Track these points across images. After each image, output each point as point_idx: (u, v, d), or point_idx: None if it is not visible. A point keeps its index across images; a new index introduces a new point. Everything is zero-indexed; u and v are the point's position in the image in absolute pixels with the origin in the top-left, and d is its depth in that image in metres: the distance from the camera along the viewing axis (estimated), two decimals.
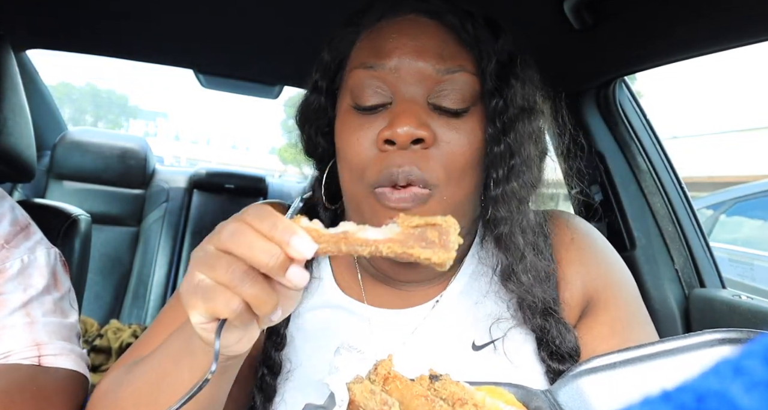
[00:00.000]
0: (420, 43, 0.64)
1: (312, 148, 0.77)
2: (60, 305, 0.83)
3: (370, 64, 0.65)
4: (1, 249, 0.80)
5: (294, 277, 0.43)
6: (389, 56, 0.64)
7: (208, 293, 0.43)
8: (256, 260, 0.42)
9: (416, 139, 0.60)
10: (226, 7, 1.33)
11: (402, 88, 0.64)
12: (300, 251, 0.43)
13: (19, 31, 1.62)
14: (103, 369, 2.05)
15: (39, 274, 0.82)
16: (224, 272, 0.43)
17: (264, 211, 0.44)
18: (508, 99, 0.65)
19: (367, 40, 0.68)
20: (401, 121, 0.60)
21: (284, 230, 0.43)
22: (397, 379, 0.49)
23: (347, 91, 0.67)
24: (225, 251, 0.43)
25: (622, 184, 1.35)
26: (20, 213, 0.87)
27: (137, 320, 2.44)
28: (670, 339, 0.53)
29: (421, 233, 0.43)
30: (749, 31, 0.91)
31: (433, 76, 0.63)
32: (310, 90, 0.75)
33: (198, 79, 1.97)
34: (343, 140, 0.67)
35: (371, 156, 0.63)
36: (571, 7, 1.05)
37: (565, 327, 0.68)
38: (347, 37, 0.71)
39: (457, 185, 0.64)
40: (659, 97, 16.32)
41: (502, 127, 0.65)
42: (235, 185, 2.81)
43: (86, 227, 1.30)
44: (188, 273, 0.45)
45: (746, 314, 1.10)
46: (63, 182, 2.52)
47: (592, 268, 0.74)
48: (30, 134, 1.24)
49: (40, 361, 0.75)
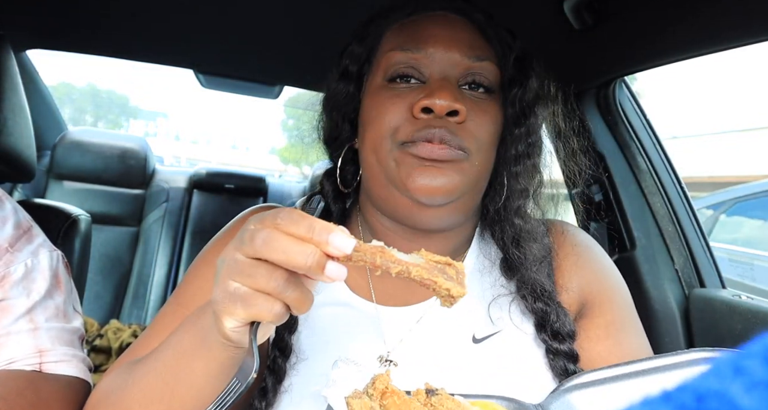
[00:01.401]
0: (453, 34, 0.72)
1: (335, 133, 0.81)
2: (63, 309, 0.83)
3: (407, 48, 0.71)
4: (5, 253, 0.79)
5: (333, 273, 0.45)
6: (426, 43, 0.71)
7: (249, 301, 0.45)
8: (294, 263, 0.44)
9: (452, 111, 0.66)
10: (226, 7, 1.33)
11: (437, 70, 0.70)
12: (339, 247, 0.44)
13: (19, 31, 1.63)
14: (103, 369, 2.05)
15: (42, 278, 0.81)
16: (266, 281, 0.45)
17: (296, 214, 0.45)
18: (527, 87, 0.74)
19: (400, 29, 0.74)
20: (441, 93, 0.66)
21: (322, 229, 0.44)
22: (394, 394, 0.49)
23: (379, 72, 0.73)
24: (260, 259, 0.45)
25: (622, 184, 1.35)
26: (23, 216, 0.87)
27: (137, 320, 2.44)
28: (658, 357, 0.56)
29: (442, 268, 0.47)
30: (749, 31, 0.91)
31: (464, 62, 0.70)
32: (338, 78, 0.79)
33: (198, 79, 1.97)
34: (375, 108, 0.72)
35: (405, 119, 0.69)
36: (571, 7, 1.05)
37: (563, 311, 0.73)
38: (376, 30, 0.77)
39: (485, 155, 0.71)
40: (659, 97, 16.32)
41: (521, 110, 0.73)
42: (235, 185, 2.82)
43: (86, 227, 1.30)
44: (221, 282, 0.46)
45: (746, 314, 1.10)
46: (63, 182, 2.52)
47: (588, 273, 0.78)
48: (30, 134, 1.24)
49: (41, 368, 0.75)
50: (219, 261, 0.48)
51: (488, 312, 0.74)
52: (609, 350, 0.74)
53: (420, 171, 0.66)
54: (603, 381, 0.56)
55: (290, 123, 27.74)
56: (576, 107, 0.85)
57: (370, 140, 0.72)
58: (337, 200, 0.80)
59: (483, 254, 0.80)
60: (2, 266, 0.78)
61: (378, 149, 0.71)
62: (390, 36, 0.75)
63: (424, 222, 0.72)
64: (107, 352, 2.12)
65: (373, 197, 0.76)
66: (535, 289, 0.72)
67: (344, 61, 0.78)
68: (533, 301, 0.72)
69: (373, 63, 0.76)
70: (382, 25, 0.77)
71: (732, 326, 1.12)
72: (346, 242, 0.44)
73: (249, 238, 0.45)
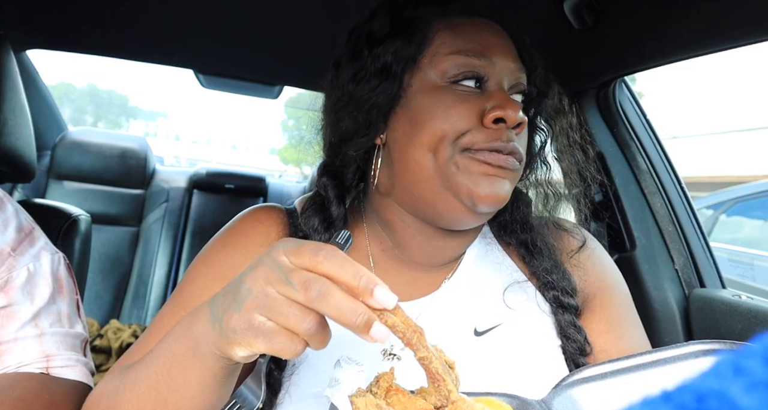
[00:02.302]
0: (507, 43, 0.74)
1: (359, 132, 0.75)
2: (65, 313, 0.83)
3: (471, 54, 0.71)
4: (8, 257, 0.79)
5: (377, 335, 0.44)
6: (489, 51, 0.71)
7: (273, 337, 0.44)
8: (343, 321, 0.43)
9: (519, 123, 0.69)
10: (226, 7, 1.33)
11: (499, 76, 0.72)
12: (382, 302, 0.43)
13: (19, 31, 1.62)
14: (103, 369, 2.05)
15: (45, 283, 0.81)
16: (298, 323, 0.44)
17: (340, 257, 0.44)
18: (551, 98, 0.79)
19: (454, 32, 0.73)
20: (512, 105, 0.68)
21: (369, 280, 0.43)
22: (399, 392, 0.49)
23: (435, 72, 0.72)
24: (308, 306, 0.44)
25: (622, 184, 1.35)
26: (24, 218, 0.87)
27: (137, 320, 2.44)
28: (659, 350, 0.57)
29: (448, 369, 0.48)
30: (749, 31, 0.91)
31: (515, 73, 0.74)
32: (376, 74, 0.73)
33: (198, 79, 1.97)
34: (437, 109, 0.70)
35: (474, 126, 0.69)
36: (571, 7, 1.05)
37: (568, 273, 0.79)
38: (420, 28, 0.74)
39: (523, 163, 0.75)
40: (659, 98, 16.32)
41: (547, 121, 0.80)
42: (235, 185, 2.82)
43: (86, 227, 1.30)
44: (244, 313, 0.45)
45: (746, 314, 1.10)
46: (63, 182, 2.52)
47: (589, 270, 0.81)
48: (30, 134, 1.24)
49: (48, 371, 0.76)
50: (244, 289, 0.46)
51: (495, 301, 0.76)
52: (611, 343, 0.76)
53: (488, 179, 0.68)
54: (605, 375, 0.56)
55: (290, 123, 27.76)
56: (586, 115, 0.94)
57: (428, 140, 0.69)
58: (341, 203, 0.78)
59: (484, 248, 0.82)
60: (5, 270, 0.78)
61: (438, 150, 0.69)
62: (443, 36, 0.73)
63: (465, 225, 0.74)
64: (107, 352, 2.12)
65: (411, 198, 0.73)
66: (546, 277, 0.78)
67: (385, 57, 0.73)
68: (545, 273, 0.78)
69: (422, 61, 0.73)
70: (425, 25, 0.74)
71: (732, 326, 1.12)
72: (389, 298, 0.44)
73: (301, 284, 0.43)
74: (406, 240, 0.77)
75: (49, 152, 2.48)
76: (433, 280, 0.78)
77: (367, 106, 0.74)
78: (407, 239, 0.77)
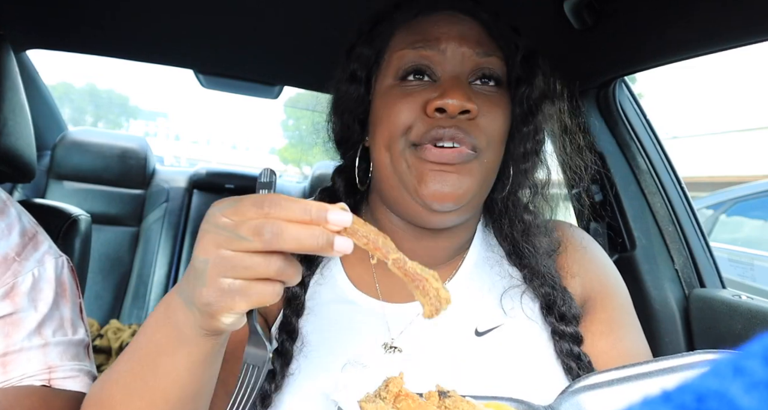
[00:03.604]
0: (461, 31, 0.73)
1: (346, 134, 0.82)
2: (68, 319, 0.83)
3: (418, 45, 0.72)
4: (13, 263, 0.79)
5: (341, 247, 0.45)
6: (437, 40, 0.72)
7: (249, 291, 0.45)
8: (306, 248, 0.44)
9: (464, 110, 0.67)
10: (226, 7, 1.33)
11: (448, 67, 0.71)
12: (339, 222, 0.44)
13: (19, 31, 1.62)
14: (103, 369, 2.05)
15: (48, 288, 0.81)
16: (265, 269, 0.44)
17: (282, 200, 0.44)
18: (533, 85, 0.75)
19: (409, 29, 0.75)
20: (453, 93, 0.66)
21: (318, 209, 0.44)
22: (408, 397, 0.49)
23: (389, 72, 0.74)
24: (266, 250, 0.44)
25: (622, 184, 1.35)
26: (27, 221, 0.86)
27: (137, 320, 2.44)
28: (665, 359, 0.58)
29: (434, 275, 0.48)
30: (749, 31, 0.90)
31: (473, 58, 0.71)
32: (347, 81, 0.79)
33: (198, 79, 1.97)
34: (387, 108, 0.72)
35: (417, 118, 0.70)
36: (571, 7, 1.05)
37: (568, 295, 0.76)
38: (383, 31, 0.78)
39: (495, 152, 0.72)
40: (659, 98, 16.31)
41: (529, 108, 0.74)
42: (235, 185, 2.81)
43: (86, 227, 1.30)
44: (210, 282, 0.45)
45: (746, 314, 1.10)
46: (63, 182, 2.52)
47: (590, 272, 0.81)
48: (30, 134, 1.24)
49: (50, 384, 0.76)
50: (199, 262, 0.46)
51: (494, 304, 0.76)
52: (612, 345, 0.76)
53: (432, 176, 0.68)
54: (611, 382, 0.57)
55: (290, 123, 27.75)
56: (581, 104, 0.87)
57: (382, 139, 0.72)
58: (348, 196, 0.82)
59: (486, 247, 0.82)
60: (11, 276, 0.78)
61: (391, 148, 0.71)
62: (399, 36, 0.75)
63: (434, 224, 0.73)
64: (107, 352, 2.12)
65: (384, 197, 0.77)
66: (541, 276, 0.75)
67: (352, 63, 0.78)
68: (539, 286, 0.75)
69: (382, 64, 0.76)
70: (390, 26, 0.77)
71: (732, 326, 1.12)
72: (344, 216, 0.45)
73: (252, 232, 0.44)
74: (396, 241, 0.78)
75: (49, 152, 2.48)
76: None
77: (343, 110, 0.80)
78: (397, 240, 0.78)
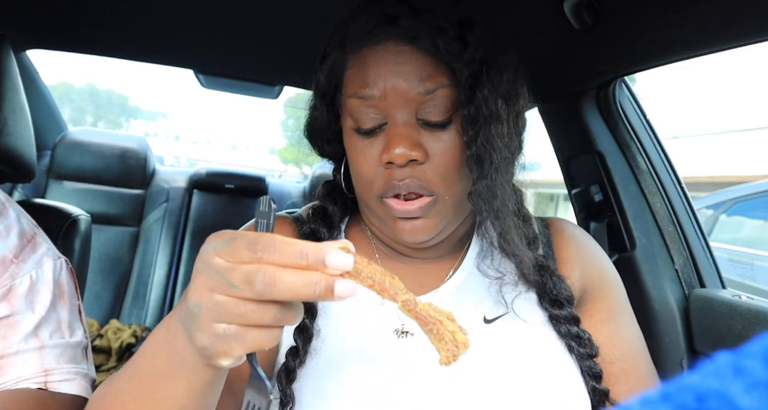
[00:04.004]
0: (400, 69, 0.69)
1: (324, 153, 0.86)
2: (66, 321, 0.82)
3: (361, 95, 0.71)
4: (10, 265, 0.78)
5: (343, 292, 0.42)
6: (376, 85, 0.70)
7: (245, 336, 0.42)
8: (303, 297, 0.41)
9: (411, 159, 0.68)
10: (226, 7, 1.33)
11: (392, 111, 0.70)
12: (340, 268, 0.41)
13: (19, 31, 1.62)
14: (103, 369, 2.05)
15: (46, 290, 0.81)
16: (260, 317, 0.42)
17: (278, 242, 0.41)
18: (478, 107, 0.69)
19: (355, 68, 0.73)
20: (395, 144, 0.68)
21: (316, 253, 0.41)
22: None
23: (347, 115, 0.74)
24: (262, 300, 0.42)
25: (622, 184, 1.35)
26: (26, 223, 0.86)
27: (137, 320, 2.44)
28: None
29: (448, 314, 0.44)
30: (749, 31, 0.90)
31: (416, 97, 0.69)
32: (312, 109, 0.82)
33: (198, 79, 1.97)
34: (351, 157, 0.75)
35: (377, 171, 0.71)
36: (571, 7, 1.05)
37: (558, 278, 0.78)
38: (338, 61, 0.76)
39: (456, 185, 0.72)
40: (659, 98, 16.31)
41: (474, 134, 0.70)
42: (235, 185, 2.81)
43: (86, 227, 1.30)
44: (204, 328, 0.43)
45: (746, 314, 1.10)
46: (63, 182, 2.52)
47: (586, 263, 0.84)
48: (30, 134, 1.24)
49: (46, 387, 0.76)
50: (193, 305, 0.44)
51: (496, 292, 0.78)
52: (613, 332, 0.81)
53: (402, 224, 0.72)
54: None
55: (290, 123, 27.74)
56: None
57: (356, 182, 0.76)
58: (350, 190, 0.83)
59: (486, 239, 0.83)
60: (8, 278, 0.77)
61: (364, 196, 0.76)
62: (349, 74, 0.74)
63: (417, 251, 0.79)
64: (107, 352, 2.12)
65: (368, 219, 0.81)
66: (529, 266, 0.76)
67: (314, 95, 0.81)
68: (530, 275, 0.77)
69: (343, 101, 0.76)
70: (341, 60, 0.75)
71: (732, 326, 1.12)
72: (344, 260, 0.41)
73: (243, 281, 0.41)
74: (388, 250, 0.82)
75: (49, 152, 2.48)
76: (440, 271, 0.81)
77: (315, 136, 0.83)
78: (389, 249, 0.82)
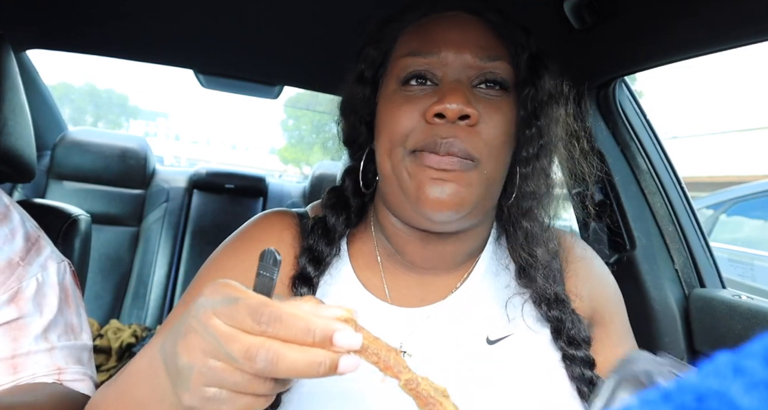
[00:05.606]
0: (464, 36, 0.70)
1: (353, 136, 0.82)
2: (72, 324, 0.84)
3: (419, 52, 0.70)
4: (17, 267, 0.79)
5: (347, 369, 0.40)
6: (438, 47, 0.69)
7: (237, 401, 0.41)
8: (306, 377, 0.39)
9: (464, 115, 0.65)
10: (226, 7, 1.33)
11: (449, 74, 0.69)
12: (347, 347, 0.40)
13: (19, 31, 1.62)
14: (103, 369, 2.05)
15: (52, 293, 0.82)
16: (255, 389, 0.40)
17: (284, 315, 0.39)
18: (539, 87, 0.72)
19: (413, 33, 0.74)
20: (452, 98, 0.65)
21: (324, 330, 0.39)
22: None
23: (393, 78, 0.73)
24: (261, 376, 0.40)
25: (622, 184, 1.35)
26: (30, 226, 0.87)
27: (137, 320, 2.44)
28: None
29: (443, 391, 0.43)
30: (749, 31, 0.90)
31: (476, 64, 0.69)
32: (355, 82, 0.79)
33: (198, 79, 1.97)
34: (388, 114, 0.71)
35: (417, 125, 0.68)
36: (571, 7, 1.05)
37: (577, 318, 0.74)
38: (390, 33, 0.77)
39: (496, 160, 0.69)
40: (659, 97, 16.31)
41: (533, 111, 0.71)
42: (235, 185, 2.81)
43: (86, 227, 1.30)
44: (193, 390, 0.41)
45: (746, 314, 1.10)
46: (63, 182, 2.52)
47: (595, 283, 0.82)
48: (30, 134, 1.24)
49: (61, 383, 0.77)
50: (183, 365, 0.41)
51: (504, 313, 0.75)
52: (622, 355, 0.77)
53: (431, 184, 0.65)
54: None
55: (290, 123, 27.76)
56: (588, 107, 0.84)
57: (384, 146, 0.71)
58: (356, 196, 0.81)
59: (497, 256, 0.81)
60: (15, 280, 0.79)
61: (391, 155, 0.70)
62: (403, 40, 0.74)
63: (435, 229, 0.71)
64: (107, 352, 2.12)
65: (386, 201, 0.76)
66: (548, 297, 0.73)
67: (360, 64, 0.78)
68: (548, 309, 0.73)
69: (388, 67, 0.75)
70: (397, 28, 0.76)
71: (732, 326, 1.12)
72: (353, 339, 0.40)
73: (243, 355, 0.38)
74: (401, 245, 0.77)
75: (49, 152, 2.48)
76: (445, 286, 0.78)
77: (350, 111, 0.79)
78: (402, 244, 0.77)
